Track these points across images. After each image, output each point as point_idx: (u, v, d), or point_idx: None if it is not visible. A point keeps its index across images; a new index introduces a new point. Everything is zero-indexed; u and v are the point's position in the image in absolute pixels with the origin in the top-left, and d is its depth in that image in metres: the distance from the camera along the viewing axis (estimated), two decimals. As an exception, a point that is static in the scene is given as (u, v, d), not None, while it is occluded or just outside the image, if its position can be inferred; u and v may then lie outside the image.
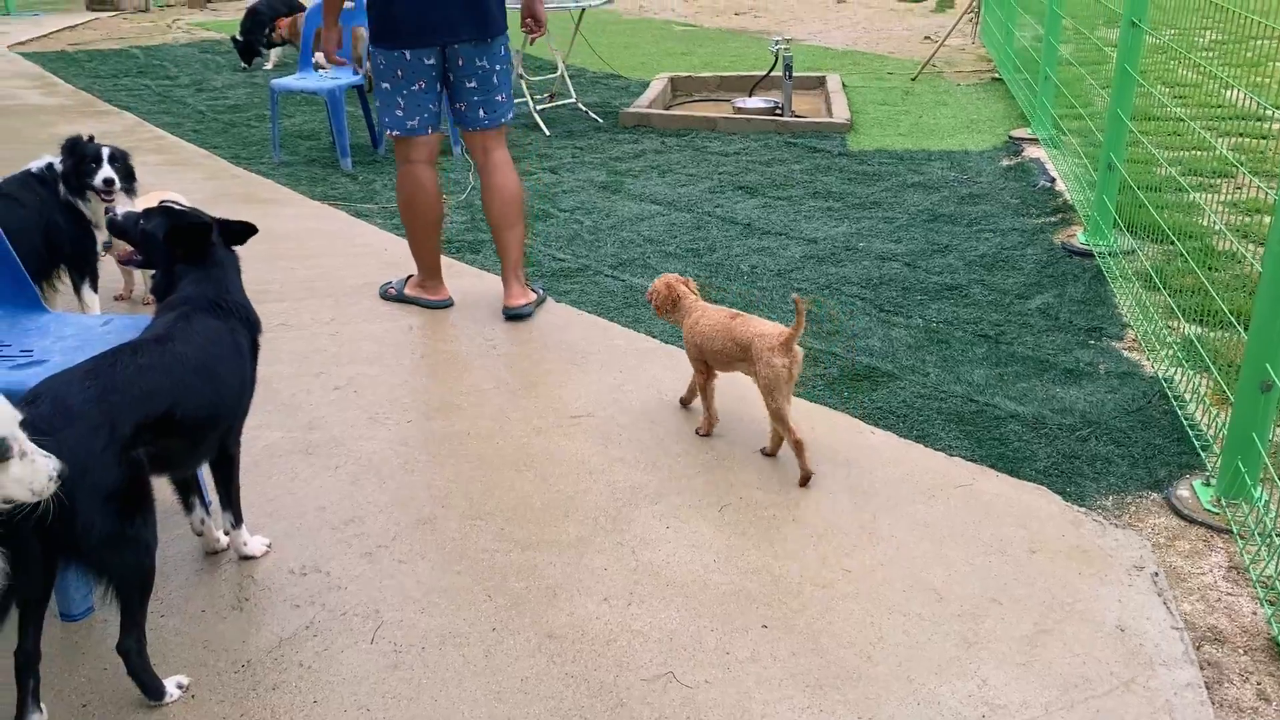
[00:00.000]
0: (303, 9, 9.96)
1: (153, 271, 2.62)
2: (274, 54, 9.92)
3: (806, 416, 3.41)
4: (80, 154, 3.86)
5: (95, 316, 2.86)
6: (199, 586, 2.63)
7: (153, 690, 2.22)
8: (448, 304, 4.40)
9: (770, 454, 3.21)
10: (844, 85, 8.22)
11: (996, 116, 7.37)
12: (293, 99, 8.25)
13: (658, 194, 5.86)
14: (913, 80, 8.59)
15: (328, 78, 6.66)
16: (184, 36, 11.91)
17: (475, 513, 2.93)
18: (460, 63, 4.01)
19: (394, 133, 4.12)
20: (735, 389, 3.48)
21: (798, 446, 3.02)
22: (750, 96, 7.85)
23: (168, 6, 14.65)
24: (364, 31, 7.40)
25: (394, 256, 4.93)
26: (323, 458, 3.23)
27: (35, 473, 1.81)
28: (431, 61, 3.98)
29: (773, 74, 7.80)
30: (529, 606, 2.53)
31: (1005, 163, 6.27)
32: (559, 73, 7.89)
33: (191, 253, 2.55)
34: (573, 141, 7.09)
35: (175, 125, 7.64)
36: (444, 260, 4.55)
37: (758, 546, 2.74)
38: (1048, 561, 2.68)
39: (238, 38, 9.73)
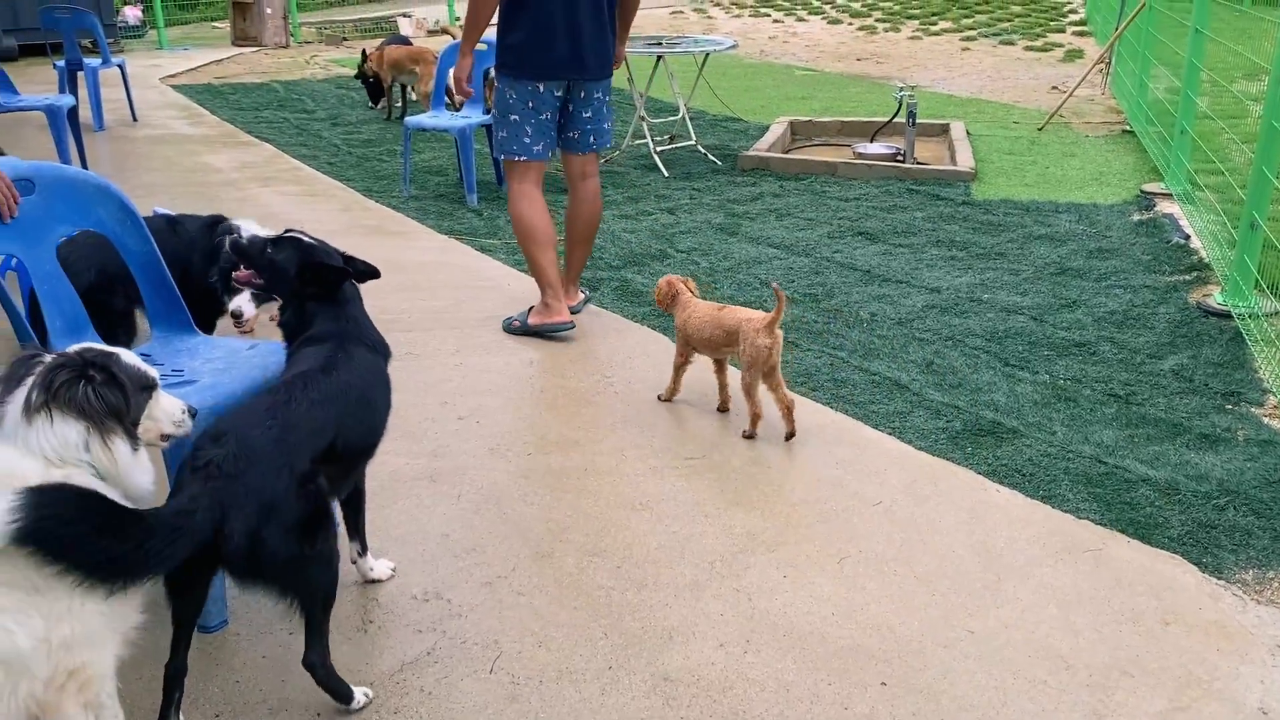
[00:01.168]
0: (408, 43, 10.27)
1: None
2: (392, 99, 9.76)
3: (928, 470, 3.35)
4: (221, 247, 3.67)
5: (242, 341, 3.00)
6: (326, 606, 2.71)
7: (343, 696, 2.31)
8: (570, 327, 4.52)
9: (749, 435, 3.61)
10: (968, 133, 8.11)
11: (1127, 169, 7.18)
12: (423, 135, 8.53)
13: (775, 237, 5.86)
14: (1039, 130, 8.44)
15: (459, 117, 6.86)
16: (321, 72, 12.44)
17: (592, 549, 2.96)
18: (582, 95, 4.41)
19: (520, 158, 4.40)
20: (853, 448, 3.44)
21: (755, 417, 3.56)
22: (872, 142, 7.82)
23: (306, 43, 15.34)
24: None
25: (517, 291, 5.04)
26: (446, 486, 3.30)
27: (175, 406, 2.07)
28: (559, 94, 4.36)
29: (895, 120, 7.75)
30: (645, 647, 2.54)
31: (1136, 217, 6.09)
32: (680, 115, 7.99)
33: (324, 289, 2.61)
34: (690, 183, 7.15)
35: (311, 157, 7.97)
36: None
37: (878, 601, 2.70)
38: (1183, 635, 2.57)
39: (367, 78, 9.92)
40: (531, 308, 4.59)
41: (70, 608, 1.79)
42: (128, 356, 2.06)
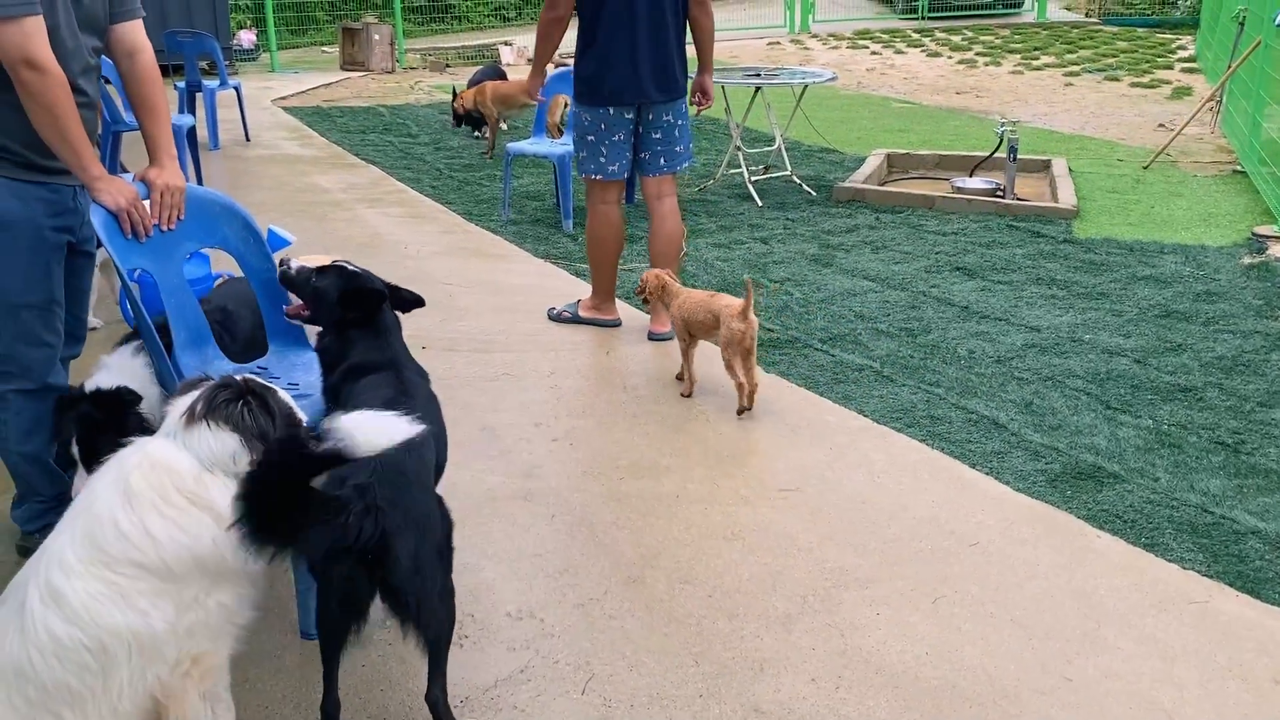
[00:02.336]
0: (503, 76, 10.42)
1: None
2: (496, 134, 9.59)
3: (1026, 512, 3.30)
4: None
5: (352, 358, 3.09)
6: (423, 619, 2.77)
7: None
8: (617, 323, 5.00)
9: (743, 410, 4.02)
10: (1070, 170, 7.97)
11: (1237, 211, 6.97)
12: (523, 161, 8.70)
13: (870, 270, 5.83)
14: (1145, 168, 8.24)
15: (558, 144, 6.99)
16: (425, 98, 12.78)
17: (683, 576, 2.98)
18: (651, 117, 4.72)
19: (597, 177, 4.76)
20: (949, 487, 3.41)
21: (740, 388, 3.99)
22: (970, 176, 7.73)
23: (411, 69, 15.77)
24: (565, 99, 7.73)
25: (611, 317, 5.10)
26: (540, 506, 3.36)
27: None
28: (630, 116, 4.68)
29: (995, 155, 7.66)
30: (736, 677, 2.55)
31: (1247, 260, 5.91)
32: (776, 145, 8.01)
33: (363, 315, 2.65)
34: (784, 213, 7.16)
35: (415, 180, 8.19)
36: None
37: (973, 643, 2.67)
38: (1295, 695, 2.48)
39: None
40: (579, 301, 5.05)
41: (197, 597, 1.90)
42: (283, 394, 2.20)
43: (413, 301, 2.83)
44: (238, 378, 2.15)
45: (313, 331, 3.19)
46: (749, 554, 3.09)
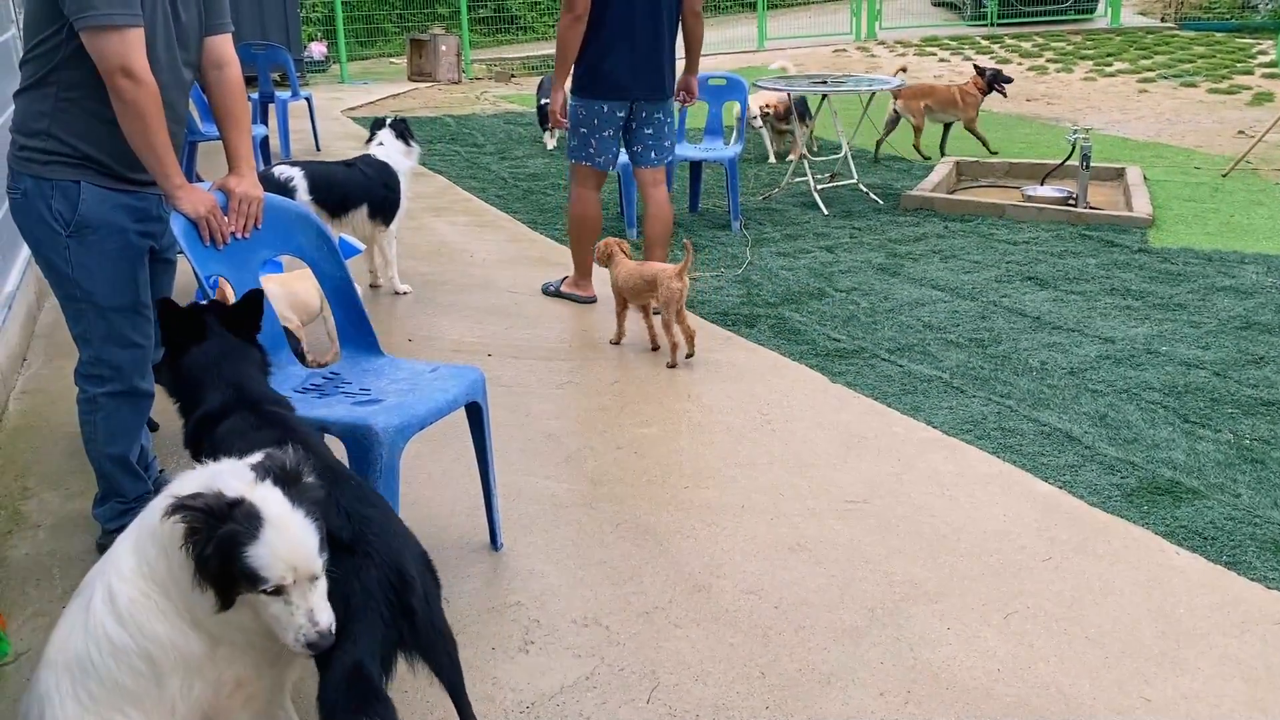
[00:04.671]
0: None
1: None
2: (554, 135, 10.00)
3: (1101, 527, 3.22)
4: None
5: (425, 363, 3.12)
6: (489, 625, 2.79)
7: None
8: (592, 300, 5.47)
9: (689, 356, 4.60)
10: (1145, 178, 7.79)
11: (1322, 219, 6.76)
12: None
13: (939, 279, 5.76)
14: (1224, 176, 8.02)
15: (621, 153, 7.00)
16: (490, 108, 12.91)
17: (749, 587, 2.96)
18: (643, 115, 5.20)
19: (585, 164, 5.26)
20: (1022, 500, 3.34)
21: (675, 347, 4.54)
22: (1042, 185, 7.59)
23: (477, 79, 15.95)
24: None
25: (675, 325, 5.10)
26: (605, 513, 3.36)
27: (293, 621, 1.78)
28: (621, 114, 5.16)
29: (1068, 163, 7.51)
30: (802, 690, 2.52)
31: (1333, 270, 5.72)
32: (842, 154, 7.95)
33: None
34: (850, 222, 7.10)
35: (481, 190, 8.27)
36: (721, 331, 4.98)
37: (1046, 660, 2.61)
38: (1387, 723, 2.39)
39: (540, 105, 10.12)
40: (565, 278, 5.57)
41: (231, 619, 1.89)
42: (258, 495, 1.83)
43: (247, 313, 2.57)
44: (209, 492, 1.81)
45: (383, 339, 3.23)
46: (816, 566, 3.06)
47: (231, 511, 1.74)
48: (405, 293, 5.63)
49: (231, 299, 2.70)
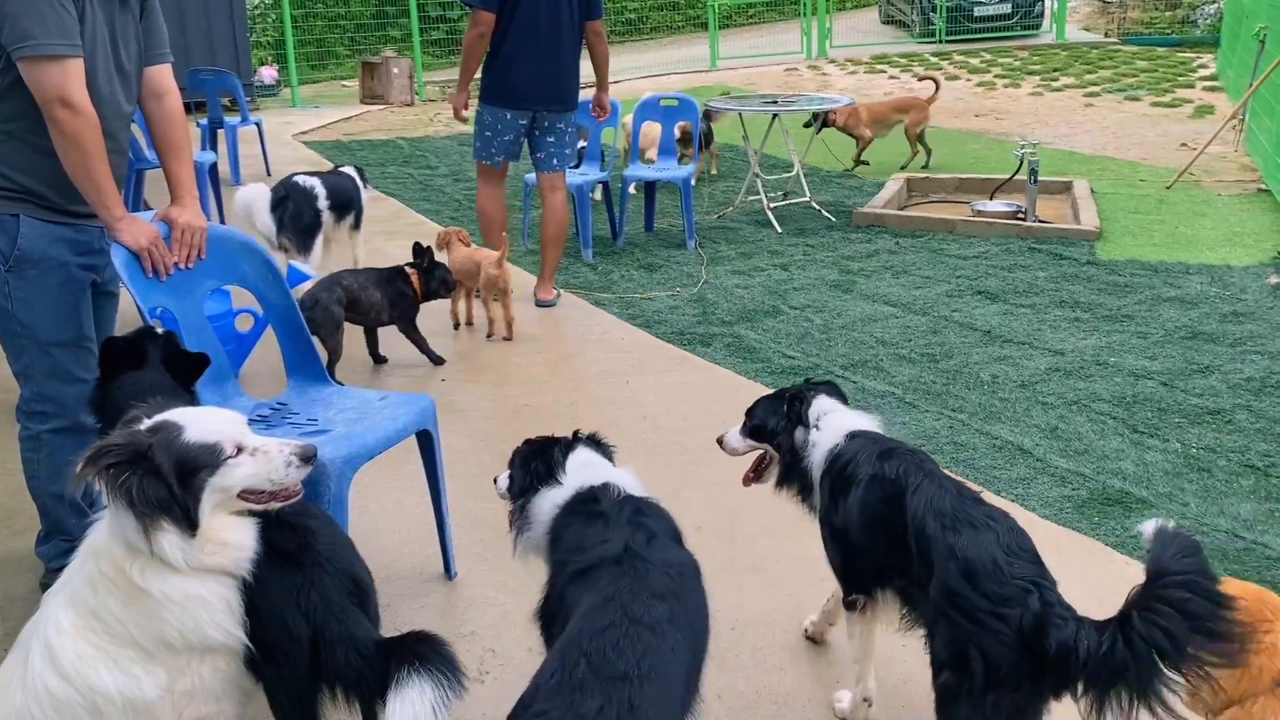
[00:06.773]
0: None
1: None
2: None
3: (1053, 539, 3.25)
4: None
5: (373, 391, 3.09)
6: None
7: None
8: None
9: (506, 339, 5.19)
10: (1092, 191, 7.92)
11: (1263, 230, 6.90)
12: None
13: (891, 295, 5.81)
14: (1168, 188, 8.18)
15: (577, 174, 7.01)
16: (443, 129, 12.88)
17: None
18: (546, 124, 5.63)
19: (485, 163, 5.71)
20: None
21: (491, 322, 5.26)
22: (991, 199, 7.70)
23: (430, 101, 15.91)
24: (651, 130, 7.75)
25: (630, 345, 5.10)
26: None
27: (270, 463, 1.93)
28: (524, 121, 5.58)
29: (1016, 177, 7.62)
30: (760, 712, 2.52)
31: (1274, 280, 5.84)
32: (794, 172, 8.01)
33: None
34: (804, 239, 7.15)
35: (434, 213, 8.23)
36: (676, 350, 4.95)
37: (1001, 675, 2.62)
38: (1334, 727, 2.42)
39: None
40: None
41: (190, 663, 1.86)
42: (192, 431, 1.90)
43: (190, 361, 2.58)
44: (128, 431, 1.88)
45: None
46: (773, 586, 3.06)
47: (145, 433, 1.85)
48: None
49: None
